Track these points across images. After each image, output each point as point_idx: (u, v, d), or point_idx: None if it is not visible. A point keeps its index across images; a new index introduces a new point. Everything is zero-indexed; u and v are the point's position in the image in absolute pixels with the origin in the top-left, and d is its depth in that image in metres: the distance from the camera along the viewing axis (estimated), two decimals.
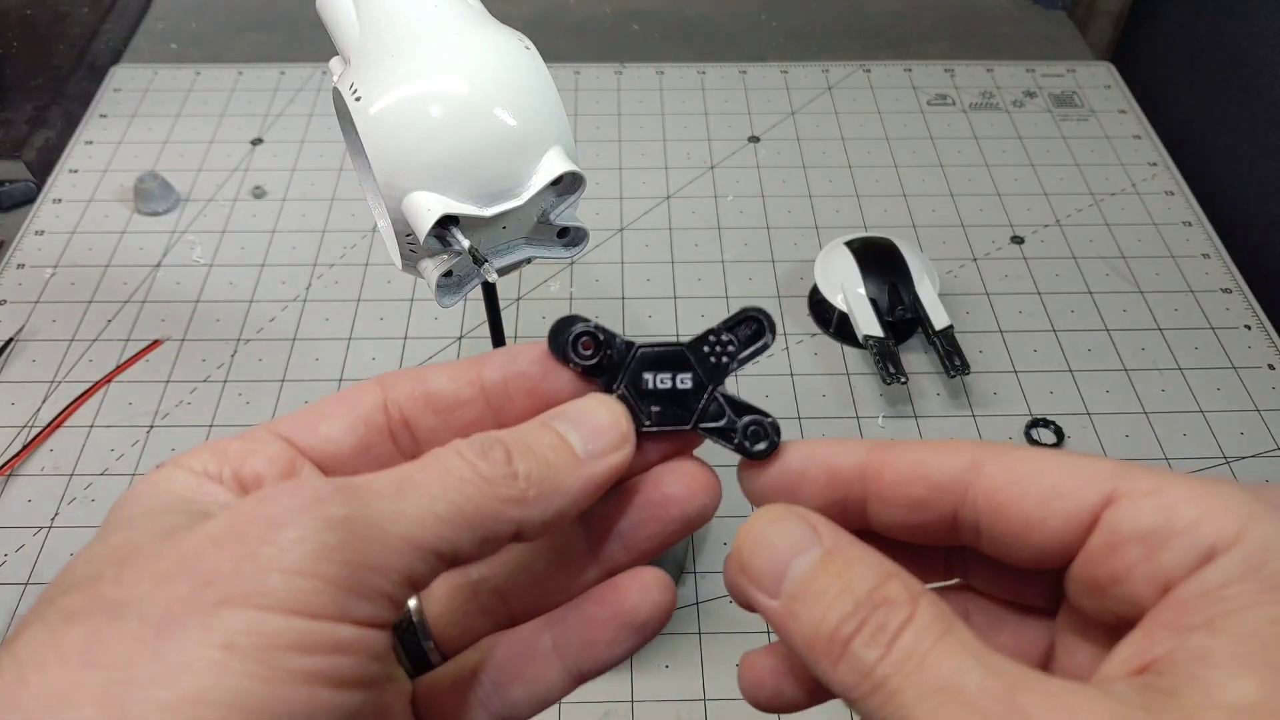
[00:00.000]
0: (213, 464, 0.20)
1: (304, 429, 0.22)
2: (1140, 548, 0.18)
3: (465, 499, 0.19)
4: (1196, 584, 0.17)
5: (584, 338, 0.22)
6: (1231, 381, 0.57)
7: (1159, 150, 0.72)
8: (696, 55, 0.81)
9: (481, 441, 0.20)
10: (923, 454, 0.21)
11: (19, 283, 0.61)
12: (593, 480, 0.21)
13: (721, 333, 0.23)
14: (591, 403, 0.22)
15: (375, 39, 0.34)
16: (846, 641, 0.18)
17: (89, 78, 0.77)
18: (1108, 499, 0.19)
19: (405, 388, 0.23)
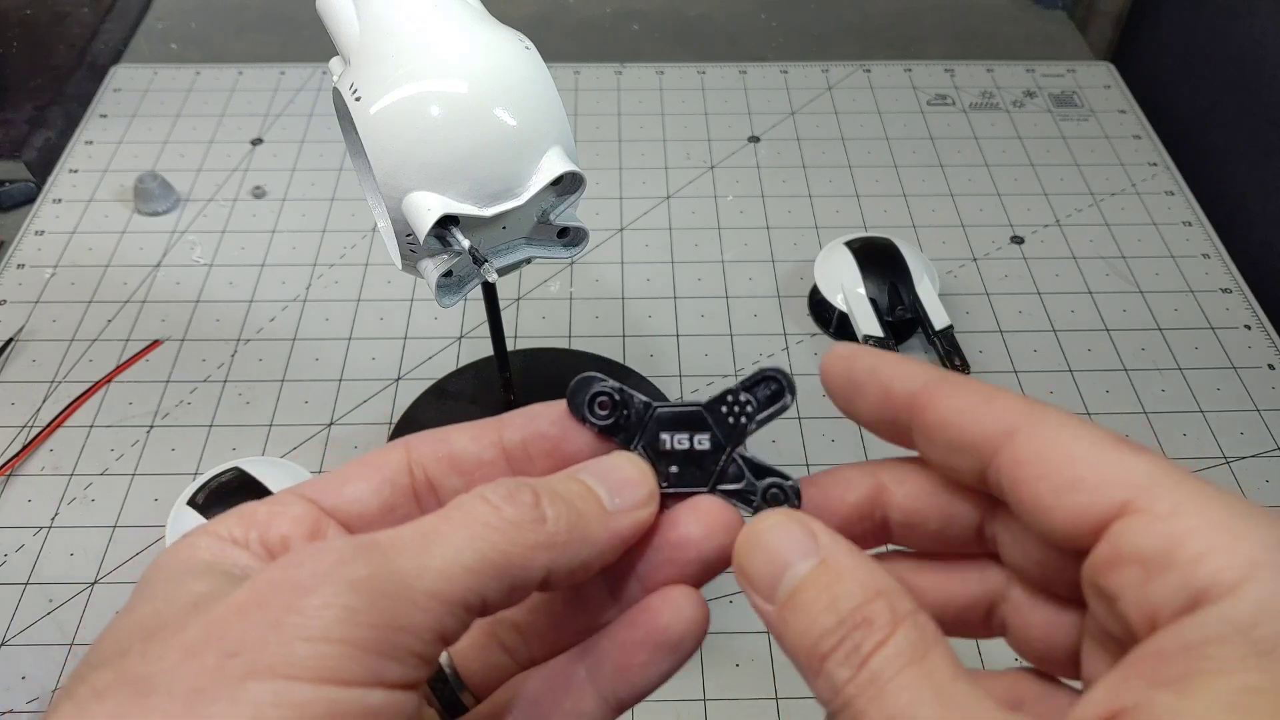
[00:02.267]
0: (239, 529, 0.20)
1: (329, 491, 0.22)
2: (1137, 571, 0.17)
3: (491, 546, 0.19)
4: (1181, 633, 0.16)
5: (601, 398, 0.23)
6: (1231, 381, 0.57)
7: (1159, 150, 0.72)
8: (696, 55, 0.81)
9: (508, 485, 0.20)
10: (969, 402, 0.20)
11: (19, 283, 0.61)
12: (619, 534, 0.21)
13: (740, 393, 0.23)
14: (619, 458, 0.22)
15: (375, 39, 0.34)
16: (824, 658, 0.18)
17: (89, 78, 0.77)
18: (1123, 508, 0.18)
19: (428, 448, 0.23)
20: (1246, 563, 0.16)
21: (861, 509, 0.23)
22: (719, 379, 0.56)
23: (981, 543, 0.22)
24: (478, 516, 0.19)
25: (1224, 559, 0.16)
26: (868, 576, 0.19)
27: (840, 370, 0.22)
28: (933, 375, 0.21)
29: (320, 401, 0.55)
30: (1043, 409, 0.20)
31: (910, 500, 0.22)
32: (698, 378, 0.56)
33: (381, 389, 0.56)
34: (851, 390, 0.22)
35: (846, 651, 0.18)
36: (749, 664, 0.45)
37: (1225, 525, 0.17)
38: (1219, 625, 0.16)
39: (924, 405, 0.21)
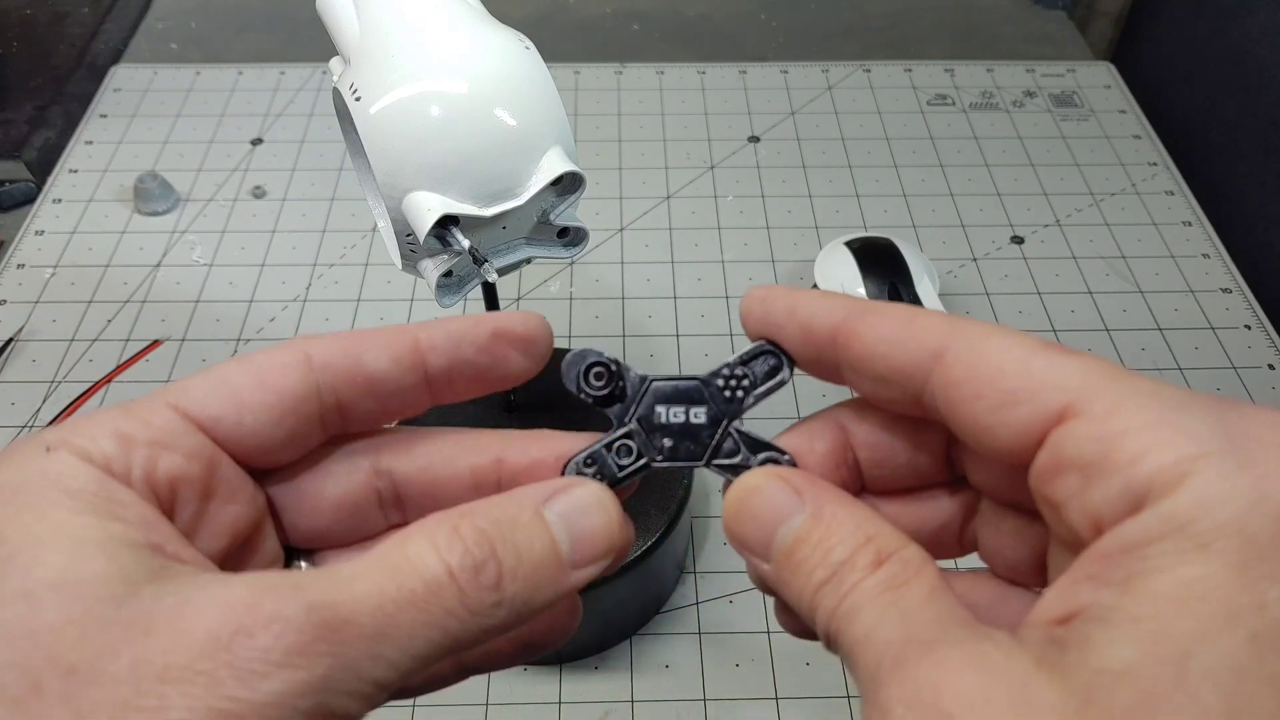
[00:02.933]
0: (117, 456, 0.18)
1: (224, 420, 0.20)
2: (1077, 477, 0.17)
3: (445, 635, 0.18)
4: (1124, 535, 0.16)
5: (596, 368, 0.22)
6: (1231, 381, 0.57)
7: (1159, 150, 0.72)
8: (696, 55, 0.81)
9: (475, 557, 0.18)
10: (891, 329, 0.20)
11: (19, 283, 0.61)
12: (568, 591, 0.20)
13: (737, 366, 0.22)
14: (590, 499, 0.21)
15: (375, 39, 0.34)
16: (814, 598, 0.19)
17: (89, 78, 0.77)
18: (1060, 415, 0.17)
19: (341, 369, 0.21)
20: (1185, 457, 0.16)
21: (834, 456, 0.22)
22: None
23: (950, 467, 0.22)
24: (440, 599, 0.18)
25: (1161, 457, 0.16)
26: (856, 525, 0.19)
27: (758, 312, 0.22)
28: (852, 306, 0.21)
29: None
30: (966, 323, 0.19)
31: (872, 437, 0.22)
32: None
33: None
34: (772, 332, 0.22)
35: (831, 589, 0.19)
36: (749, 664, 0.45)
37: (1162, 421, 0.16)
38: (1159, 524, 0.16)
39: (846, 338, 0.20)
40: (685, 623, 0.47)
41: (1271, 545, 0.15)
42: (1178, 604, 0.15)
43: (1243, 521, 0.15)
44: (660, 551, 0.43)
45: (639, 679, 0.45)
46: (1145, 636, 0.15)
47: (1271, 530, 0.15)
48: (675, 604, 0.47)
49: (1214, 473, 0.16)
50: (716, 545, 0.49)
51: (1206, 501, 0.15)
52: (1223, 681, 0.14)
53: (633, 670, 0.45)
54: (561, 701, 0.44)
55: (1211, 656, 0.14)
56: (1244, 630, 0.14)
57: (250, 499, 0.21)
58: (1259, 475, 0.15)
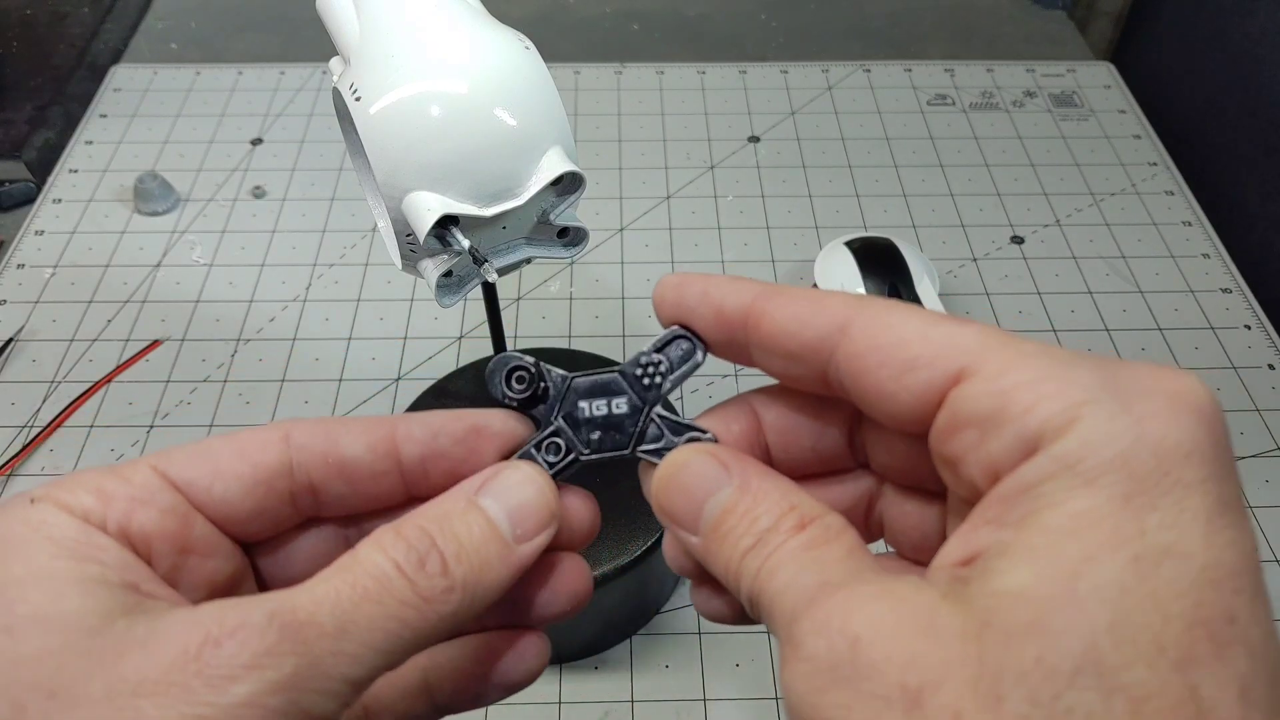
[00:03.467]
0: (95, 508, 0.19)
1: (198, 483, 0.21)
2: (974, 432, 0.18)
3: (403, 625, 0.19)
4: (1019, 479, 0.17)
5: (518, 372, 0.23)
6: (1231, 381, 0.57)
7: (1159, 150, 0.72)
8: (696, 55, 0.81)
9: (417, 548, 0.20)
10: (799, 308, 0.21)
11: (19, 283, 0.61)
12: (521, 566, 0.21)
13: (653, 353, 0.23)
14: (518, 476, 0.22)
15: (375, 39, 0.34)
16: (740, 570, 0.20)
17: (89, 78, 0.77)
18: (957, 376, 0.18)
19: (316, 449, 0.22)
20: (1072, 404, 0.17)
21: (748, 438, 0.23)
22: (719, 379, 0.56)
23: (853, 455, 0.23)
24: (392, 590, 0.19)
25: (1051, 406, 0.17)
26: (781, 495, 0.20)
27: (672, 298, 0.23)
28: (762, 289, 0.22)
29: (320, 401, 0.55)
30: (869, 300, 0.20)
31: (780, 422, 0.23)
32: (698, 377, 0.56)
33: (381, 389, 0.56)
34: (685, 316, 0.23)
35: (757, 552, 0.19)
36: (749, 664, 0.45)
37: (1050, 375, 0.18)
38: (1050, 465, 0.17)
39: (757, 318, 0.21)
40: (685, 623, 0.47)
41: (1150, 478, 0.16)
42: (1068, 534, 0.16)
43: (1125, 457, 0.16)
44: (660, 552, 0.43)
45: (639, 679, 0.45)
46: (1039, 562, 0.16)
47: (1150, 464, 0.16)
48: (675, 604, 0.47)
49: (1099, 416, 0.17)
50: None
51: (1092, 442, 0.17)
52: (1109, 597, 0.15)
53: (633, 670, 0.45)
54: (561, 701, 0.44)
55: (1099, 576, 0.16)
56: (1127, 552, 0.16)
57: (228, 556, 0.22)
58: (1138, 417, 0.17)
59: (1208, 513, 0.16)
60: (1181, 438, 0.17)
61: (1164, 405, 0.17)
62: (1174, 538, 0.16)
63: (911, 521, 0.23)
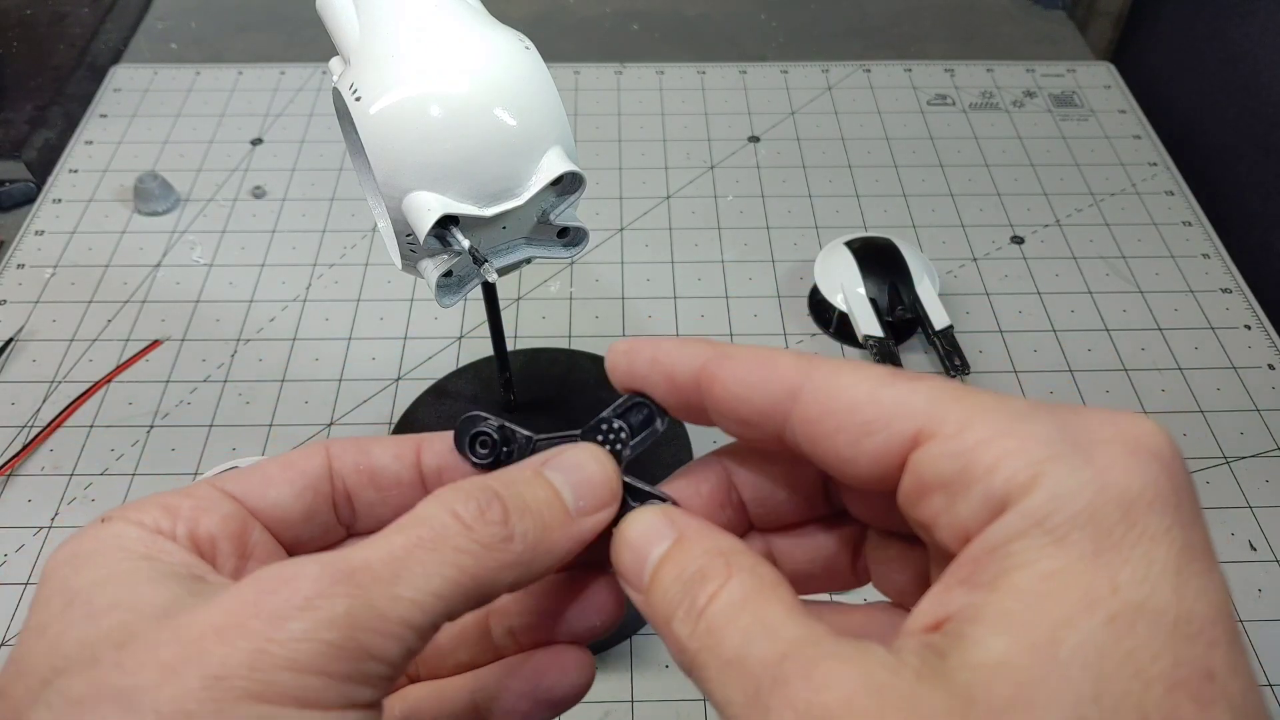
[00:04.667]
0: (164, 520, 0.20)
1: (253, 492, 0.22)
2: (942, 496, 0.18)
3: (461, 571, 0.19)
4: (988, 539, 0.17)
5: (481, 437, 0.23)
6: (1231, 381, 0.57)
7: (1159, 150, 0.72)
8: (696, 55, 0.81)
9: (478, 498, 0.20)
10: (749, 373, 0.21)
11: (19, 283, 0.61)
12: (581, 538, 0.21)
13: (614, 419, 0.23)
14: (583, 453, 0.22)
15: (375, 39, 0.34)
16: (669, 621, 0.19)
17: (89, 78, 0.77)
18: (915, 439, 0.18)
19: (350, 459, 0.23)
20: (1034, 460, 0.17)
21: (718, 497, 0.23)
22: None
23: (830, 503, 0.23)
24: (448, 538, 0.19)
25: (1014, 463, 0.17)
26: (711, 541, 0.20)
27: (624, 366, 0.23)
28: (711, 352, 0.21)
29: (320, 401, 0.55)
30: (818, 361, 0.20)
31: (753, 477, 0.23)
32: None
33: (381, 389, 0.56)
34: (639, 383, 0.23)
35: (685, 609, 0.19)
36: None
37: (1010, 431, 0.17)
38: (1019, 523, 0.17)
39: (708, 384, 0.21)
40: None
41: (1117, 530, 0.16)
42: (1041, 596, 0.16)
43: (1091, 511, 0.16)
44: None
45: (639, 679, 0.45)
46: (1015, 628, 0.16)
47: (1116, 516, 0.16)
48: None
49: (1062, 471, 0.17)
50: None
51: (1058, 497, 0.16)
52: (1089, 662, 0.15)
53: (633, 670, 0.45)
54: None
55: (1076, 640, 0.15)
56: (1102, 613, 0.16)
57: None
58: (1100, 468, 0.17)
59: (1176, 563, 0.16)
60: (1144, 486, 0.16)
61: (1123, 453, 0.17)
62: (1145, 593, 0.16)
63: (896, 566, 0.23)
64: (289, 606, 0.17)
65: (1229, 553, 0.49)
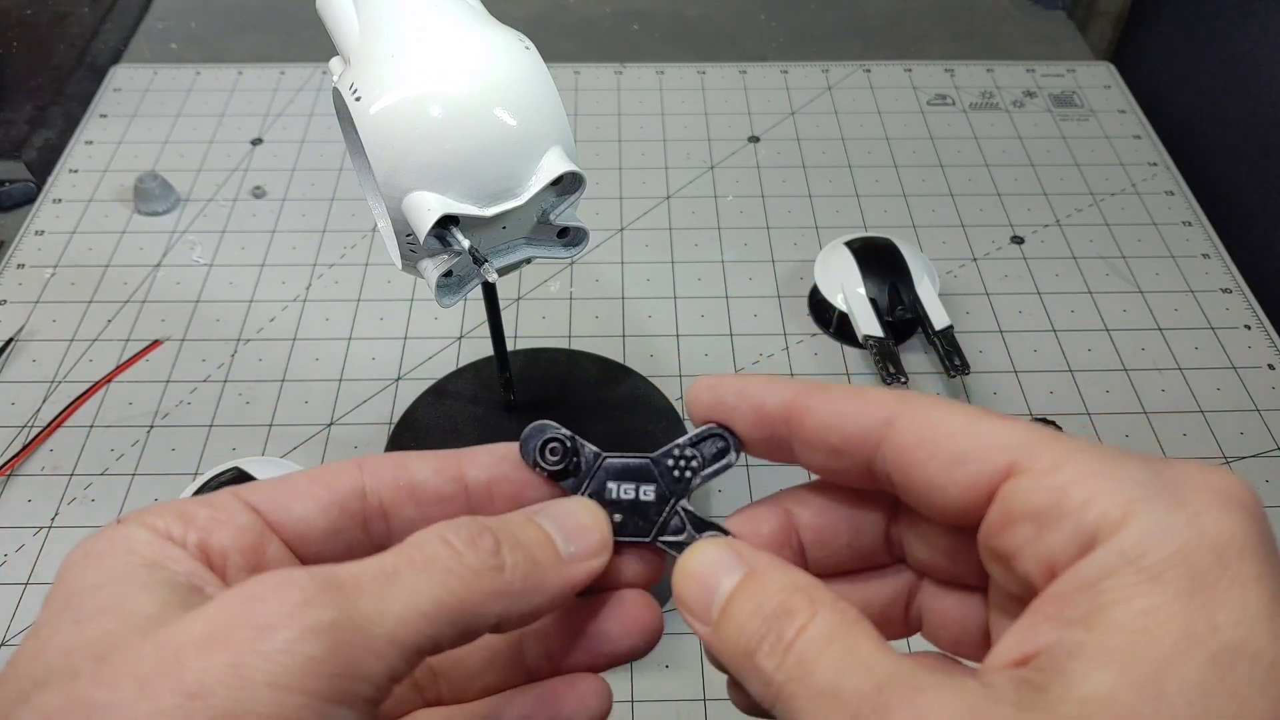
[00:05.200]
0: (177, 527, 0.20)
1: (277, 504, 0.22)
2: (1030, 527, 0.18)
3: (449, 593, 0.19)
4: (1078, 575, 0.17)
5: (552, 444, 0.23)
6: (1231, 381, 0.57)
7: (1159, 150, 0.72)
8: (696, 55, 0.81)
9: (469, 529, 0.20)
10: (843, 404, 0.21)
11: (19, 283, 0.61)
12: (572, 582, 0.22)
13: (687, 447, 0.23)
14: (575, 504, 0.23)
15: (375, 39, 0.34)
16: (752, 654, 0.19)
17: (89, 78, 0.77)
18: (1007, 471, 0.19)
19: (387, 475, 0.23)
20: (1127, 500, 0.17)
21: (779, 537, 0.23)
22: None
23: (890, 550, 0.24)
24: (438, 561, 0.19)
25: (1107, 501, 0.17)
26: (788, 577, 0.20)
27: (708, 399, 0.23)
28: (801, 385, 0.22)
29: (320, 401, 0.55)
30: (914, 395, 0.21)
31: (815, 520, 0.23)
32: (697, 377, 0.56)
33: (381, 389, 0.56)
34: (723, 415, 0.23)
35: (771, 643, 0.19)
36: None
37: (1102, 471, 0.18)
38: (1111, 560, 0.17)
39: (800, 414, 0.22)
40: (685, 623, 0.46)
41: (1211, 573, 0.16)
42: (1141, 633, 0.16)
43: (1184, 553, 0.17)
44: None
45: (639, 679, 0.45)
46: (1118, 664, 0.16)
47: (1209, 560, 0.17)
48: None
49: (1154, 512, 0.17)
50: None
51: (1151, 537, 0.17)
52: (1194, 699, 0.16)
53: (633, 670, 0.45)
54: None
55: (1181, 677, 0.16)
56: (1204, 651, 0.16)
57: None
58: (1193, 513, 0.17)
59: (1269, 608, 0.16)
60: (1234, 533, 0.17)
61: (1213, 501, 0.17)
62: (1243, 635, 0.16)
63: (952, 616, 0.23)
64: (275, 614, 0.17)
65: None
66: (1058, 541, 0.18)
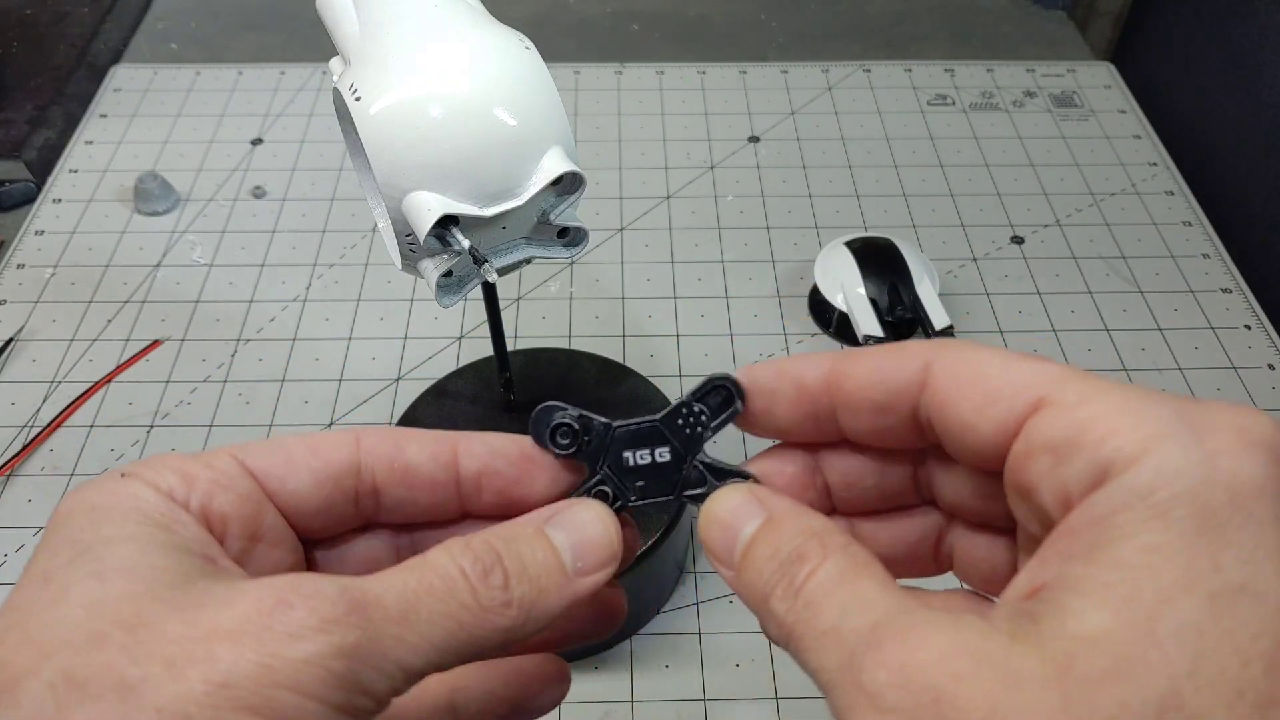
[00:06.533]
0: (180, 487, 0.20)
1: (273, 474, 0.22)
2: (1049, 458, 0.18)
3: (460, 627, 0.20)
4: (1088, 509, 0.17)
5: (562, 427, 0.23)
6: (1231, 381, 0.57)
7: (1159, 150, 0.72)
8: (696, 55, 0.81)
9: (484, 560, 0.20)
10: (880, 359, 0.21)
11: (19, 283, 0.61)
12: (575, 598, 0.22)
13: (693, 403, 0.24)
14: (588, 514, 0.23)
15: (375, 39, 0.34)
16: (767, 598, 0.20)
17: (89, 78, 0.77)
18: (1036, 405, 0.19)
19: (384, 455, 0.23)
20: (1146, 437, 0.17)
21: (803, 478, 0.24)
22: None
23: (918, 492, 0.24)
24: (455, 594, 0.20)
25: (1126, 436, 0.17)
26: (803, 522, 0.21)
27: (745, 384, 0.23)
28: (837, 354, 0.22)
29: (320, 401, 0.55)
30: (951, 341, 0.21)
31: (842, 462, 0.24)
32: (698, 378, 0.56)
33: (381, 389, 0.56)
34: (767, 401, 0.23)
35: (784, 588, 0.20)
36: (749, 664, 0.45)
37: (1127, 408, 0.18)
38: (1122, 495, 0.17)
39: (840, 378, 0.22)
40: (685, 623, 0.47)
41: (1223, 513, 0.16)
42: (1142, 569, 0.16)
43: (1197, 491, 0.16)
44: (660, 552, 0.43)
45: (639, 679, 0.45)
46: (1115, 601, 0.16)
47: (1222, 499, 0.16)
48: (675, 604, 0.47)
49: (1172, 449, 0.17)
50: None
51: (1165, 474, 0.17)
52: (1187, 640, 0.15)
53: (633, 670, 0.45)
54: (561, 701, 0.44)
55: (1176, 617, 0.16)
56: (1203, 591, 0.16)
57: (291, 549, 0.23)
58: (1211, 451, 0.17)
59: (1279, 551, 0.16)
60: (1254, 474, 0.17)
61: (1235, 440, 0.17)
62: (1248, 575, 0.16)
63: (981, 554, 0.23)
64: (304, 626, 0.18)
65: None
66: (1072, 474, 0.18)
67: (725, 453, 0.24)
